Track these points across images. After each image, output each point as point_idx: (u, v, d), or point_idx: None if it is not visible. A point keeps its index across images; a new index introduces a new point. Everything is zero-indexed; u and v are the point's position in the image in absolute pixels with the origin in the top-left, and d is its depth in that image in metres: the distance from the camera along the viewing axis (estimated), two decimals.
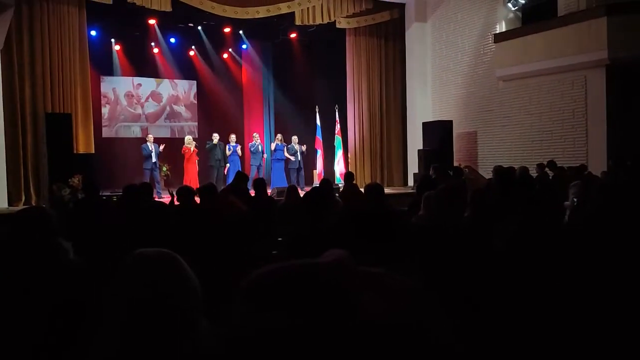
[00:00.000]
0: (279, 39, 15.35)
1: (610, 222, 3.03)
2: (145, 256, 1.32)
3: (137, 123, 15.59)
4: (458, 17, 13.95)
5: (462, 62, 13.96)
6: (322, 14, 13.45)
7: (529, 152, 12.27)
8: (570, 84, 11.47)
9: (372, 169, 14.89)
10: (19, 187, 10.48)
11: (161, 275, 1.28)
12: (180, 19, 13.31)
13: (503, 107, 12.92)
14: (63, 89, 11.22)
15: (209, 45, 15.13)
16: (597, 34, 10.57)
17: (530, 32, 11.97)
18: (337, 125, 14.16)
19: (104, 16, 12.29)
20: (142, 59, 14.98)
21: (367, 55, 14.75)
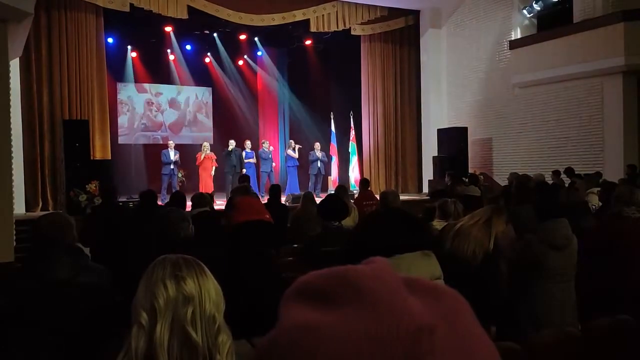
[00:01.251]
0: (294, 46, 15.42)
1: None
2: (170, 262, 1.33)
3: (153, 131, 15.72)
4: (473, 23, 13.90)
5: (477, 69, 13.90)
6: (337, 21, 13.49)
7: (544, 159, 12.15)
8: (586, 90, 11.36)
9: (387, 176, 14.84)
10: (37, 193, 10.61)
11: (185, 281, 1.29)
12: (196, 26, 13.42)
13: (518, 113, 12.83)
14: (80, 96, 11.36)
15: (225, 52, 15.23)
16: (614, 40, 10.47)
17: (546, 39, 11.89)
18: (352, 131, 14.15)
19: (120, 23, 12.44)
20: (158, 66, 15.13)
21: (382, 62, 14.75)
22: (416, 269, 1.16)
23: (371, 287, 0.42)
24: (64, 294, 2.34)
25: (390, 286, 0.43)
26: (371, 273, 0.44)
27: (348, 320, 0.41)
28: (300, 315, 0.43)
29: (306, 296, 0.44)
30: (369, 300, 0.41)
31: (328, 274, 0.45)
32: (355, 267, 0.45)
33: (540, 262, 3.54)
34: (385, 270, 0.45)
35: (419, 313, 0.41)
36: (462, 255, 3.30)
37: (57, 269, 2.34)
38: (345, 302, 0.42)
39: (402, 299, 0.42)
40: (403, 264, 1.14)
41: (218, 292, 1.33)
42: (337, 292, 0.43)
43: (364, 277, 0.43)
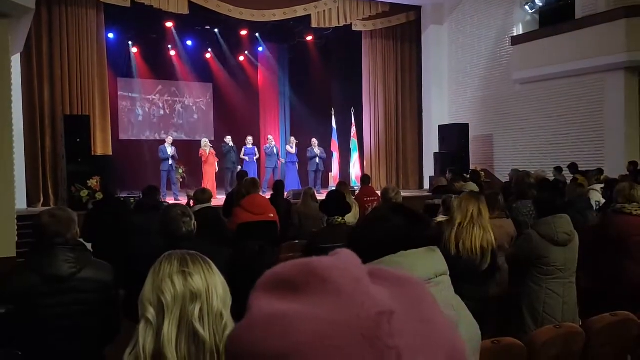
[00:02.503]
0: (295, 42, 15.39)
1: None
2: (177, 257, 1.33)
3: (153, 127, 15.72)
4: (475, 19, 13.87)
5: (478, 65, 13.87)
6: (339, 17, 13.45)
7: (545, 156, 12.15)
8: (588, 86, 11.34)
9: (388, 172, 14.84)
10: (38, 189, 10.63)
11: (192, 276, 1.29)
12: (197, 22, 13.40)
13: (520, 110, 12.81)
14: (81, 91, 11.35)
15: (226, 48, 15.20)
16: (616, 37, 10.45)
17: (547, 35, 11.86)
18: (353, 127, 14.14)
19: (121, 19, 12.42)
20: (159, 62, 15.11)
21: (383, 58, 14.72)
22: (421, 265, 1.16)
23: (335, 277, 0.45)
24: (67, 289, 2.35)
25: (353, 275, 0.45)
26: (336, 263, 0.47)
27: (313, 308, 0.43)
28: (269, 304, 0.45)
29: (274, 286, 0.47)
30: (333, 288, 0.44)
31: (295, 265, 0.47)
32: (320, 259, 0.47)
33: (540, 257, 3.54)
34: (349, 260, 0.48)
35: (379, 299, 0.43)
36: (468, 256, 3.33)
37: (60, 264, 2.35)
38: (311, 291, 0.45)
39: (365, 287, 0.44)
40: (408, 260, 1.14)
41: (225, 288, 1.34)
42: (304, 281, 0.45)
43: (329, 268, 0.46)
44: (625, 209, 3.88)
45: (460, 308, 1.25)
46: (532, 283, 3.56)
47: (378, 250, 1.15)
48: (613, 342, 2.97)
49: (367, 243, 1.18)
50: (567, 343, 2.81)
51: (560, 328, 2.86)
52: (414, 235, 1.18)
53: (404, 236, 1.17)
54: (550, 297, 3.49)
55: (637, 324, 3.04)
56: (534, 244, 3.54)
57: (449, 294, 1.21)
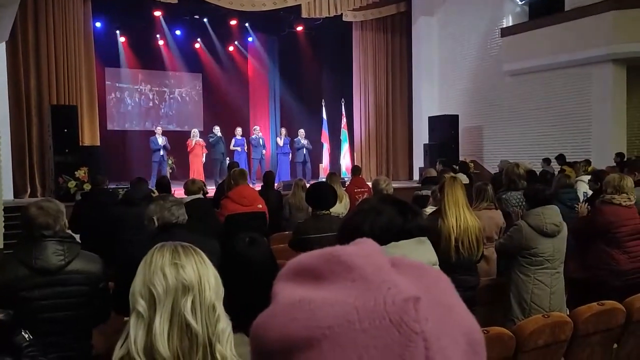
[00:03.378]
0: (285, 32, 15.30)
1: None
2: (169, 249, 1.31)
3: (142, 117, 15.60)
4: (465, 11, 13.87)
5: (468, 56, 13.90)
6: (329, 7, 13.39)
7: (534, 147, 12.23)
8: (576, 78, 11.41)
9: (378, 163, 14.87)
10: (25, 179, 10.50)
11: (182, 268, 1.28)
12: (186, 11, 13.27)
13: (509, 101, 12.87)
14: (68, 81, 11.21)
15: (215, 38, 15.08)
16: (603, 29, 10.51)
17: (537, 27, 11.90)
18: (343, 119, 14.12)
19: (109, 8, 12.27)
20: (147, 51, 14.96)
21: (374, 49, 14.69)
22: (412, 256, 1.17)
23: (360, 264, 0.45)
24: (55, 282, 2.33)
25: (378, 263, 0.46)
26: (360, 252, 0.47)
27: (339, 294, 0.43)
28: (294, 292, 0.45)
29: (298, 275, 0.47)
30: (359, 275, 0.44)
31: (319, 254, 0.48)
32: (344, 247, 0.48)
33: (529, 247, 3.58)
34: (373, 249, 0.48)
35: (404, 286, 0.44)
36: (469, 246, 3.39)
37: (49, 256, 2.33)
38: (336, 278, 0.45)
39: (389, 274, 0.45)
40: (399, 251, 1.15)
41: (217, 280, 1.32)
42: (328, 269, 0.46)
43: (354, 255, 0.46)
44: (614, 200, 3.92)
45: None
46: (520, 273, 3.59)
47: None
48: (600, 331, 3.01)
49: (358, 235, 1.18)
50: (554, 332, 2.84)
51: (548, 317, 2.89)
52: (404, 226, 1.18)
53: (394, 227, 1.17)
54: (538, 287, 3.53)
55: (623, 313, 3.09)
56: (524, 234, 3.57)
57: None
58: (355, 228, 1.19)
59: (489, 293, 3.87)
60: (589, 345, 3.03)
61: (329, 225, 3.73)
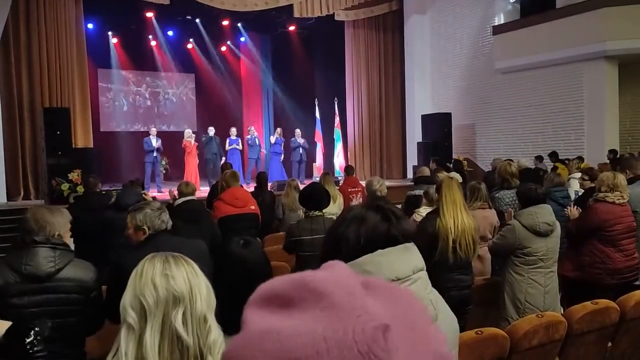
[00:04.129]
0: (277, 32, 15.27)
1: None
2: (159, 260, 1.30)
3: (135, 118, 15.54)
4: (457, 9, 13.89)
5: (461, 54, 13.92)
6: (321, 7, 13.37)
7: (527, 144, 12.28)
8: (568, 75, 11.45)
9: (372, 162, 14.88)
10: (18, 182, 10.44)
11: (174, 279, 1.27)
12: (178, 12, 13.21)
13: (502, 99, 12.91)
14: (60, 83, 11.15)
15: (207, 38, 15.04)
16: (596, 26, 10.55)
17: (529, 24, 11.94)
18: (337, 118, 14.12)
19: (100, 9, 12.21)
20: (139, 52, 14.91)
21: (366, 48, 14.70)
22: (399, 262, 1.17)
23: (330, 291, 0.45)
24: (45, 289, 2.31)
25: (348, 288, 0.46)
26: (330, 277, 0.47)
27: (308, 323, 0.43)
28: (263, 319, 0.45)
29: (269, 301, 0.47)
30: (329, 302, 0.44)
31: (290, 280, 0.47)
32: (314, 273, 0.48)
33: (523, 247, 3.58)
34: (343, 273, 0.48)
35: (375, 312, 0.44)
36: (466, 246, 3.42)
37: (39, 262, 2.31)
38: (306, 306, 0.45)
39: (359, 300, 0.45)
40: (386, 258, 1.14)
41: (209, 290, 1.31)
42: (299, 296, 0.46)
43: (324, 282, 0.46)
44: (608, 198, 3.93)
45: (438, 303, 1.26)
46: (514, 273, 3.60)
47: (356, 250, 1.15)
48: (594, 330, 3.02)
49: (344, 244, 1.18)
50: (549, 332, 2.84)
51: (542, 317, 2.89)
52: (389, 232, 1.18)
53: (379, 234, 1.17)
54: (532, 287, 3.54)
55: (617, 312, 3.10)
56: (517, 234, 3.57)
57: (426, 290, 1.22)
58: (341, 237, 1.19)
59: (484, 293, 3.88)
60: (583, 344, 3.04)
61: (323, 227, 3.73)
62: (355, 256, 1.13)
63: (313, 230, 3.74)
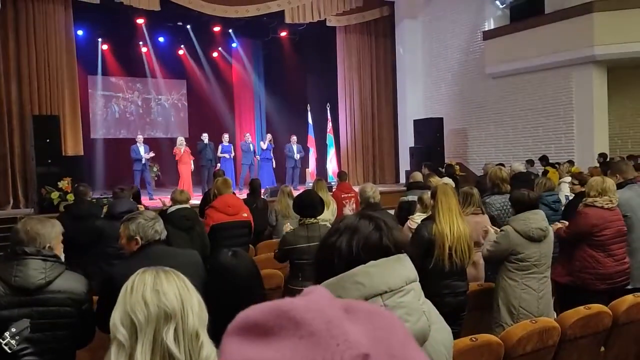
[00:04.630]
0: (269, 38, 15.28)
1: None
2: (150, 275, 1.28)
3: (126, 124, 15.47)
4: (447, 14, 13.97)
5: (452, 60, 13.99)
6: (312, 12, 13.41)
7: (518, 148, 12.35)
8: (558, 80, 11.54)
9: (365, 167, 14.90)
10: (7, 191, 10.35)
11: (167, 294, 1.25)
12: (169, 18, 13.18)
13: (493, 103, 12.98)
14: (50, 90, 11.08)
15: (198, 45, 15.02)
16: (584, 31, 10.64)
17: (518, 30, 12.03)
18: (329, 123, 14.12)
19: (90, 16, 12.14)
20: (130, 59, 14.86)
21: (358, 53, 14.74)
22: (392, 274, 1.16)
23: (309, 319, 0.44)
24: (35, 301, 2.28)
25: (327, 316, 0.45)
26: (309, 305, 0.46)
27: (286, 352, 0.42)
28: (240, 350, 0.44)
29: (247, 331, 0.46)
30: (307, 331, 0.43)
31: (268, 308, 0.46)
32: (292, 300, 0.47)
33: (517, 253, 3.59)
34: (323, 300, 0.47)
35: (355, 340, 0.43)
36: (462, 253, 3.45)
37: (29, 274, 2.28)
38: (285, 335, 0.44)
39: (339, 328, 0.44)
40: (378, 270, 1.14)
41: (201, 306, 1.29)
42: (276, 325, 0.45)
43: (302, 310, 0.45)
44: (597, 203, 3.95)
45: (432, 313, 1.25)
46: (508, 278, 3.60)
47: (348, 260, 1.14)
48: (587, 335, 3.03)
49: (337, 254, 1.17)
50: (542, 338, 2.85)
51: (536, 323, 2.90)
52: (381, 243, 1.17)
53: (371, 244, 1.17)
54: (526, 292, 3.54)
55: (610, 316, 3.11)
56: (511, 240, 3.58)
57: (419, 301, 1.21)
58: (333, 247, 1.18)
59: (478, 298, 3.88)
60: (577, 349, 3.04)
61: (319, 234, 3.72)
62: (347, 267, 1.13)
63: (309, 238, 3.72)
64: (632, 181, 4.55)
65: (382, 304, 1.11)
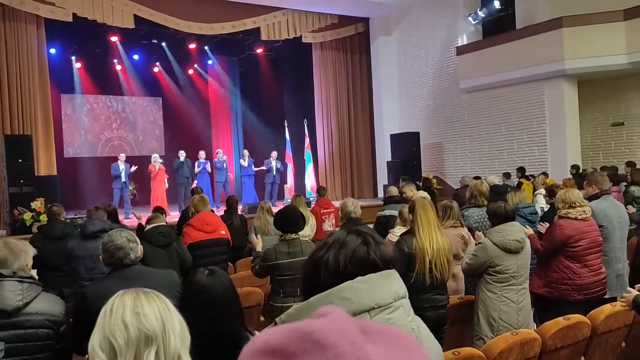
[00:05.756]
0: (245, 54, 15.32)
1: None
2: (130, 297, 1.24)
3: (101, 143, 15.26)
4: (421, 30, 14.19)
5: (427, 74, 14.19)
6: (288, 29, 13.49)
7: (494, 161, 12.52)
8: (530, 94, 11.78)
9: (343, 182, 14.93)
10: None
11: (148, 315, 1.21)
12: (143, 36, 13.11)
13: (468, 117, 13.17)
14: (22, 109, 10.89)
15: (174, 62, 14.97)
16: (554, 46, 10.91)
17: (490, 45, 12.27)
18: (307, 139, 14.16)
19: (63, 34, 12.02)
20: (104, 77, 14.71)
21: (334, 69, 14.85)
22: (380, 290, 1.14)
23: (333, 341, 0.43)
24: (12, 324, 2.21)
25: (349, 337, 0.44)
26: (330, 326, 0.45)
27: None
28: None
29: (266, 355, 0.45)
30: (332, 354, 0.43)
31: (287, 331, 0.46)
32: (313, 322, 0.46)
33: (495, 265, 3.62)
34: (342, 320, 0.47)
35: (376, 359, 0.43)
36: (441, 266, 3.46)
37: (5, 296, 2.21)
38: (308, 357, 0.43)
39: (363, 350, 0.43)
40: (366, 286, 1.12)
41: (183, 327, 1.25)
42: (301, 349, 0.44)
43: (324, 331, 0.44)
44: (570, 214, 4.01)
45: (421, 331, 1.24)
46: (487, 291, 3.62)
47: (336, 275, 1.12)
48: (567, 345, 3.05)
49: (324, 268, 1.16)
50: (523, 349, 2.86)
51: (516, 335, 2.91)
52: (369, 257, 1.16)
53: (359, 257, 1.15)
54: (505, 304, 3.56)
55: (589, 326, 3.14)
56: (489, 252, 3.61)
57: (408, 318, 1.19)
58: (320, 262, 1.17)
59: (459, 311, 3.89)
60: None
61: (300, 250, 3.70)
62: (335, 281, 1.11)
63: (290, 254, 3.71)
64: (607, 192, 4.63)
65: (370, 320, 1.09)
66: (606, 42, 10.50)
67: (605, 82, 11.49)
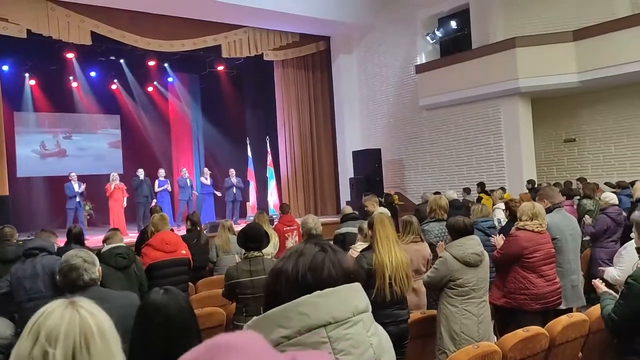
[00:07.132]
0: (206, 72, 15.23)
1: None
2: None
3: (56, 162, 14.81)
4: (381, 49, 14.44)
5: (387, 92, 14.42)
6: (249, 47, 13.49)
7: (454, 176, 12.76)
8: (487, 111, 12.11)
9: (306, 199, 14.91)
10: None
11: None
12: (101, 53, 12.87)
13: (427, 134, 13.42)
14: None
15: (133, 79, 14.73)
16: (508, 65, 11.27)
17: (448, 64, 12.59)
18: (269, 156, 14.11)
19: (17, 50, 11.67)
20: (60, 94, 14.34)
21: (296, 87, 14.92)
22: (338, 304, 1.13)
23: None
24: None
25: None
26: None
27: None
28: None
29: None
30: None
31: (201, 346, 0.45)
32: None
33: (455, 278, 3.66)
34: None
35: None
36: (400, 281, 3.47)
37: None
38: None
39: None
40: (324, 300, 1.10)
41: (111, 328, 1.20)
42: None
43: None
44: (527, 226, 4.11)
45: (380, 347, 1.22)
46: (448, 305, 3.65)
47: (296, 284, 1.11)
48: (526, 357, 3.10)
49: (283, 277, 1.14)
50: None
51: (478, 348, 2.93)
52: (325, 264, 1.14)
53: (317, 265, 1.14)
54: (466, 318, 3.60)
55: (547, 338, 3.20)
56: (449, 265, 3.65)
57: (368, 333, 1.17)
58: (280, 272, 1.15)
59: (421, 326, 3.90)
60: None
61: (263, 267, 3.66)
62: (295, 292, 1.09)
63: (253, 272, 3.66)
64: (559, 205, 4.79)
65: (326, 335, 1.07)
66: (558, 62, 10.93)
67: (557, 99, 11.93)
